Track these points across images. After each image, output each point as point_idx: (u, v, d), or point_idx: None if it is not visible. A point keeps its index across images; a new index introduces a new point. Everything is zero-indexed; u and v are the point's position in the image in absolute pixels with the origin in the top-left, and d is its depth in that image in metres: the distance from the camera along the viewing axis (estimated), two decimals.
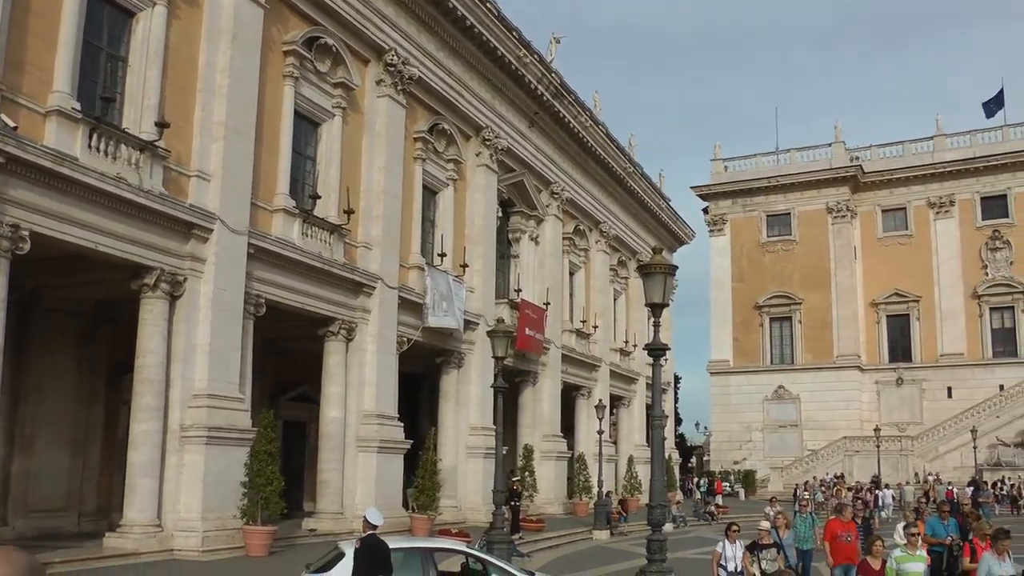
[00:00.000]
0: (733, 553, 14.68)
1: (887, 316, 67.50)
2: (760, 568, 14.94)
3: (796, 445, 65.41)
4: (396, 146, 27.88)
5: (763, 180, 69.60)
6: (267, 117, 22.77)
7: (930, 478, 56.06)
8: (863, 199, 68.62)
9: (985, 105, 66.94)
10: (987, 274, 64.98)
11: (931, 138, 68.58)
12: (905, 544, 12.34)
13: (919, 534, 12.75)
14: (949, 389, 64.46)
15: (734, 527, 15.06)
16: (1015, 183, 65.12)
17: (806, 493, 43.61)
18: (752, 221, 70.26)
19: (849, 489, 45.06)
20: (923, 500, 33.67)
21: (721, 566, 14.65)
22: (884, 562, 11.97)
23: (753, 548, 15.27)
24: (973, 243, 65.43)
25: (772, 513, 25.92)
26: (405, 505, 26.97)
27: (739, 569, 14.56)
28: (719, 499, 48.08)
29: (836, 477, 54.78)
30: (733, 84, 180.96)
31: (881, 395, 66.29)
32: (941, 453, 60.68)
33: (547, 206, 39.63)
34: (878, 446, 56.28)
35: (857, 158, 68.99)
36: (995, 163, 65.34)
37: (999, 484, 52.10)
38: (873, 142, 71.01)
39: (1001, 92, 66.80)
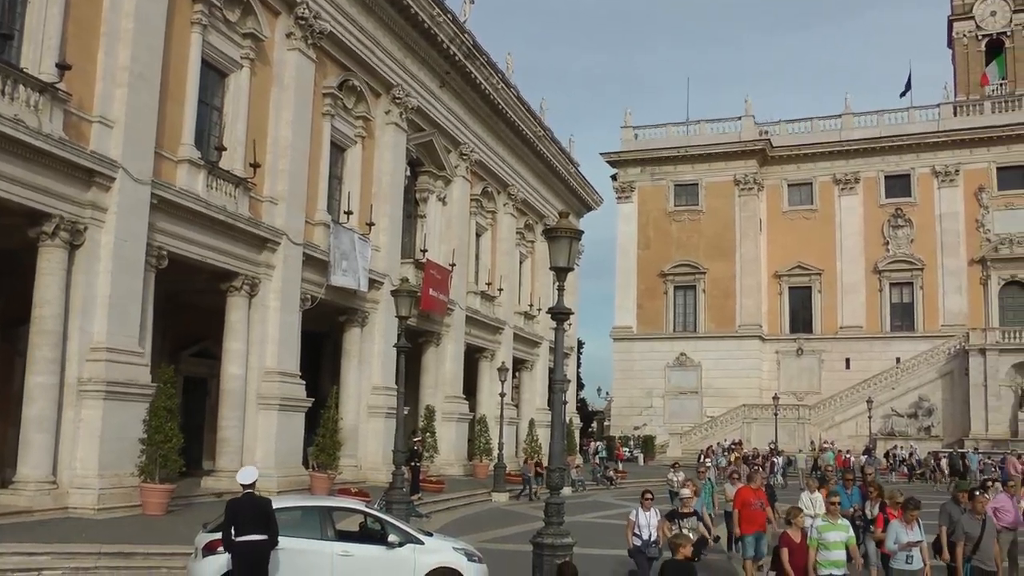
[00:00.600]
0: (647, 521, 14.54)
1: (789, 288, 69.38)
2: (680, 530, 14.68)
3: (696, 412, 67.02)
4: (304, 101, 27.72)
5: (672, 150, 70.55)
6: (173, 64, 22.40)
7: (826, 446, 58.08)
8: (770, 173, 70.16)
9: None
10: (888, 250, 67.29)
11: (839, 116, 70.43)
12: (825, 513, 12.16)
13: (838, 502, 12.61)
14: (847, 360, 66.69)
15: (648, 495, 14.92)
16: (919, 163, 67.41)
17: (708, 460, 44.98)
18: (660, 190, 71.23)
19: (751, 458, 46.28)
20: (830, 468, 34.63)
21: (635, 534, 14.52)
22: (805, 532, 11.95)
23: (673, 517, 15.16)
24: (876, 220, 67.64)
25: (677, 480, 26.64)
26: (306, 464, 27.06)
27: (653, 538, 14.43)
28: (620, 464, 49.16)
29: (734, 443, 56.31)
30: (647, 53, 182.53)
31: (781, 364, 68.21)
32: (837, 422, 62.92)
33: (456, 167, 39.74)
34: (776, 414, 57.99)
35: (766, 132, 70.34)
36: (900, 143, 67.48)
37: (891, 453, 54.18)
38: (783, 117, 72.69)
39: (909, 75, 69.00)
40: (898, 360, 64.26)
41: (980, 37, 72.09)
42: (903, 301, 67.04)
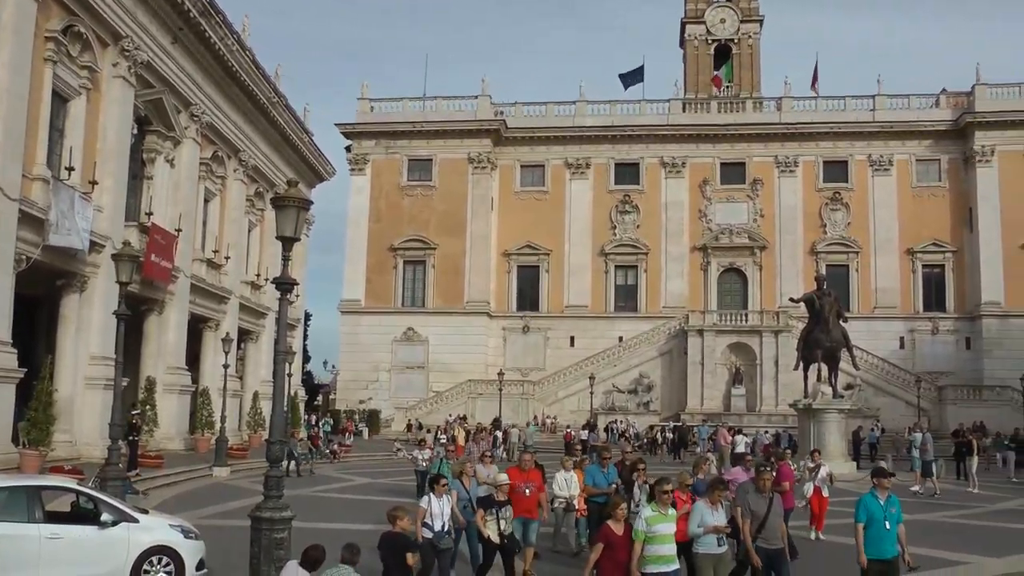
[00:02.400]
0: (440, 509, 13.14)
1: (518, 267, 71.48)
2: (499, 528, 13.38)
3: (422, 387, 67.97)
4: (24, 41, 25.98)
5: (408, 124, 70.92)
6: None
7: (547, 420, 60.56)
8: (504, 153, 71.93)
9: (623, 77, 72.97)
10: (615, 235, 70.79)
11: (574, 103, 73.00)
12: (656, 503, 10.83)
13: (671, 491, 11.16)
14: (572, 338, 69.66)
15: (443, 481, 13.50)
16: (648, 154, 71.27)
17: (443, 436, 45.53)
18: (394, 164, 71.49)
19: (477, 431, 47.36)
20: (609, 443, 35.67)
21: (426, 524, 12.90)
22: (629, 525, 10.71)
23: (487, 505, 13.62)
24: (605, 205, 70.90)
25: (422, 457, 26.13)
26: (16, 440, 25.53)
27: (447, 528, 13.08)
28: (350, 438, 49.45)
29: (459, 418, 57.64)
30: (387, 28, 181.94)
31: (507, 341, 70.22)
32: (560, 397, 65.68)
33: (186, 128, 38.45)
34: (500, 389, 59.81)
35: (502, 113, 72.05)
36: (631, 133, 71.10)
37: (610, 427, 56.90)
38: (520, 99, 74.25)
39: (641, 67, 72.64)
40: (621, 339, 67.82)
41: (710, 41, 76.97)
42: (627, 283, 70.79)
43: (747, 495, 12.47)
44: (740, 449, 38.97)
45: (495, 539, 13.23)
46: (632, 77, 73.07)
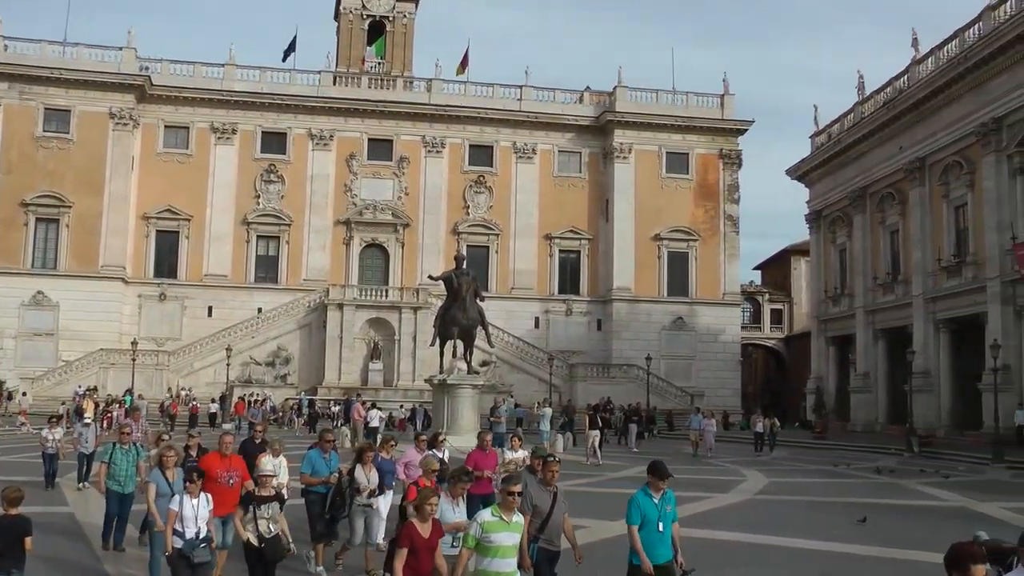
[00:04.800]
0: (194, 512, 11.12)
1: (157, 231, 70.57)
2: (256, 530, 11.33)
3: (51, 355, 65.51)
4: None
5: (46, 70, 67.61)
6: None
7: (182, 392, 60.67)
8: (148, 111, 70.48)
9: (286, 52, 73.99)
10: (259, 204, 71.57)
11: (223, 66, 72.73)
12: (499, 506, 9.05)
13: (518, 492, 9.25)
14: (210, 308, 69.89)
15: (195, 479, 11.45)
16: (296, 124, 72.46)
17: (88, 415, 41.64)
18: (29, 111, 68.05)
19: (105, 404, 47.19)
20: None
21: (176, 532, 11.04)
22: (438, 525, 9.24)
23: (247, 501, 11.76)
24: (250, 173, 71.48)
25: (52, 439, 23.73)
26: None
27: (202, 534, 11.08)
28: None
29: (88, 389, 56.54)
30: None
31: (143, 309, 69.23)
32: (196, 369, 65.98)
33: None
34: (134, 359, 59.38)
35: (147, 68, 70.58)
36: (280, 102, 71.95)
37: (246, 399, 57.71)
38: (168, 56, 72.93)
39: (295, 38, 74.03)
40: (260, 311, 68.89)
41: (364, 16, 78.82)
42: (269, 254, 71.91)
43: (528, 487, 10.47)
44: (374, 424, 41.59)
45: (254, 542, 11.23)
46: (289, 49, 74.24)
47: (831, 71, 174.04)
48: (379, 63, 77.43)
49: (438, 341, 40.93)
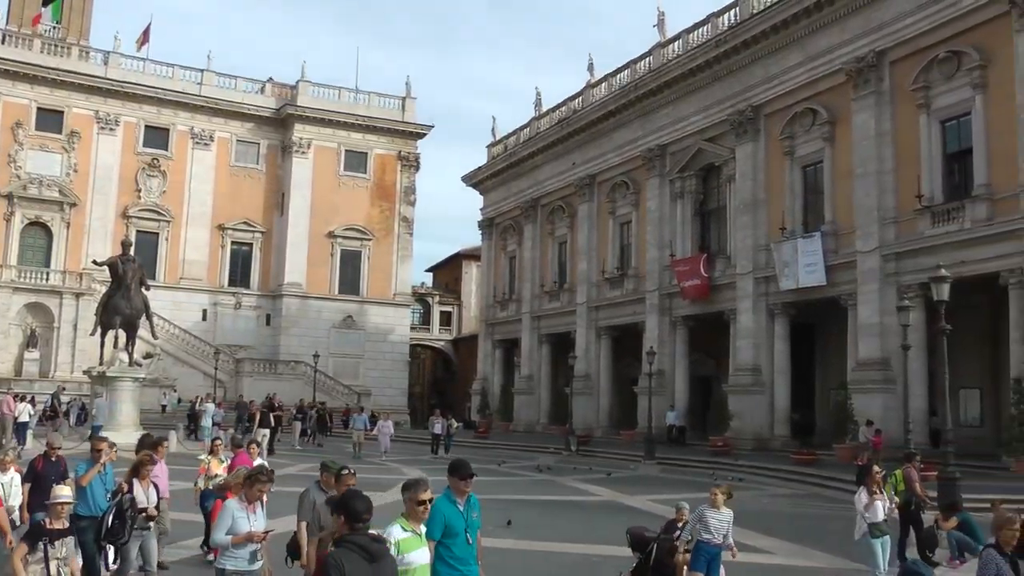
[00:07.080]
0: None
1: None
2: (47, 573, 8.91)
3: None
4: None
5: None
6: None
7: None
8: None
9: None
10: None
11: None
12: (406, 518, 7.73)
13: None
14: None
15: None
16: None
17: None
18: None
19: None
20: None
21: None
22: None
23: (36, 535, 9.09)
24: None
25: None
26: None
27: None
28: None
29: None
30: None
31: None
32: None
33: None
34: None
35: None
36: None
37: None
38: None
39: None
40: None
41: None
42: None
43: (315, 501, 9.84)
44: (24, 419, 37.51)
45: None
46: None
47: (511, 86, 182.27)
48: (54, 27, 73.52)
49: (99, 330, 40.22)
